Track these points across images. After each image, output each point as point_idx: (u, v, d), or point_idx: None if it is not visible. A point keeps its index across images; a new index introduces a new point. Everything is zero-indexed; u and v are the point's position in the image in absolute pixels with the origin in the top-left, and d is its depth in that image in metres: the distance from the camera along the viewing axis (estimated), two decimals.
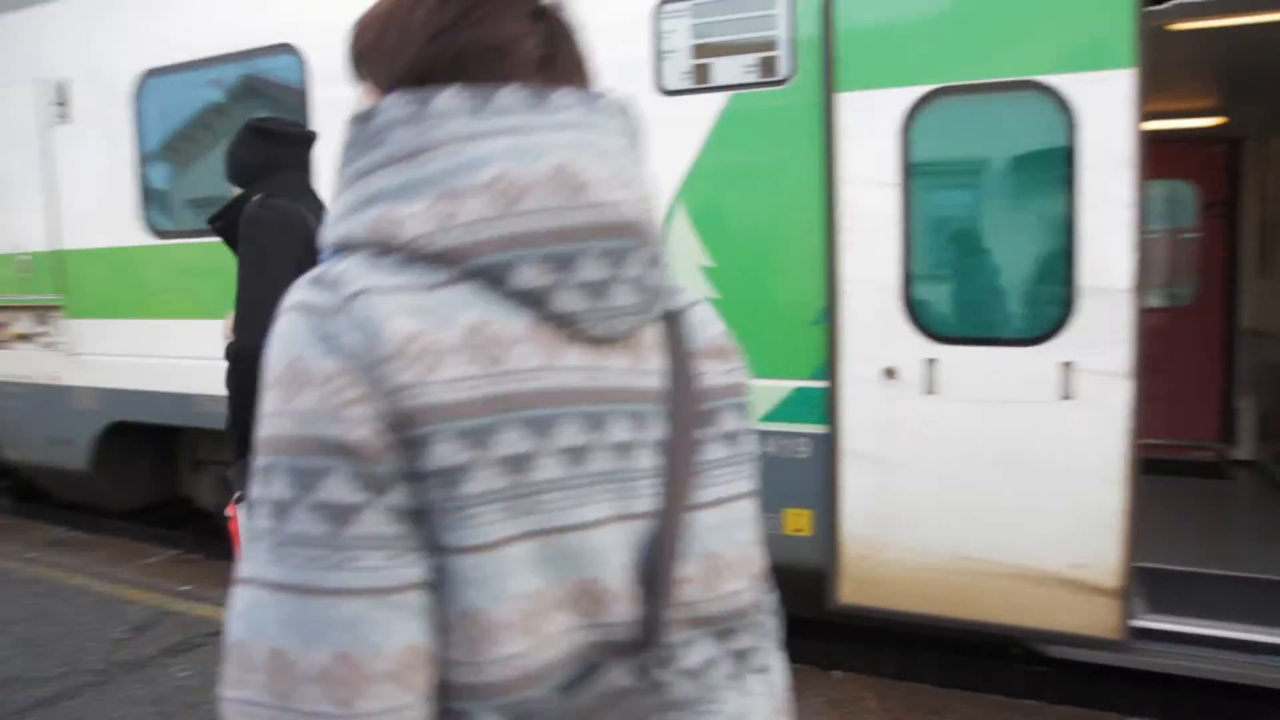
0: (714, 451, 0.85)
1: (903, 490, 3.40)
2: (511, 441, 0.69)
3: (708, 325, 0.89)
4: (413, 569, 0.68)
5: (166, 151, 5.23)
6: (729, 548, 0.85)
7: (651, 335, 0.82)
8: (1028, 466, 3.22)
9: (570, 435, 0.72)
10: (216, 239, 4.98)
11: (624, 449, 0.76)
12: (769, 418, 3.58)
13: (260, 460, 0.70)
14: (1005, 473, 3.25)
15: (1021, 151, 3.28)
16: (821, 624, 4.04)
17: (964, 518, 3.33)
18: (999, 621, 3.35)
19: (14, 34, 5.75)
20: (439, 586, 0.69)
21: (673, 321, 0.85)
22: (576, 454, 0.72)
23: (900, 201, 3.32)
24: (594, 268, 0.74)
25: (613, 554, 0.74)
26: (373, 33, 0.83)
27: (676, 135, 3.65)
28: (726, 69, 3.58)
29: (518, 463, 0.69)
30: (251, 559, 0.68)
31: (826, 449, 3.50)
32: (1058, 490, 3.19)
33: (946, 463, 3.34)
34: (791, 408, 3.55)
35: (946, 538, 3.35)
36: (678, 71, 3.65)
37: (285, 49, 4.62)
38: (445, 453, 0.67)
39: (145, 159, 5.25)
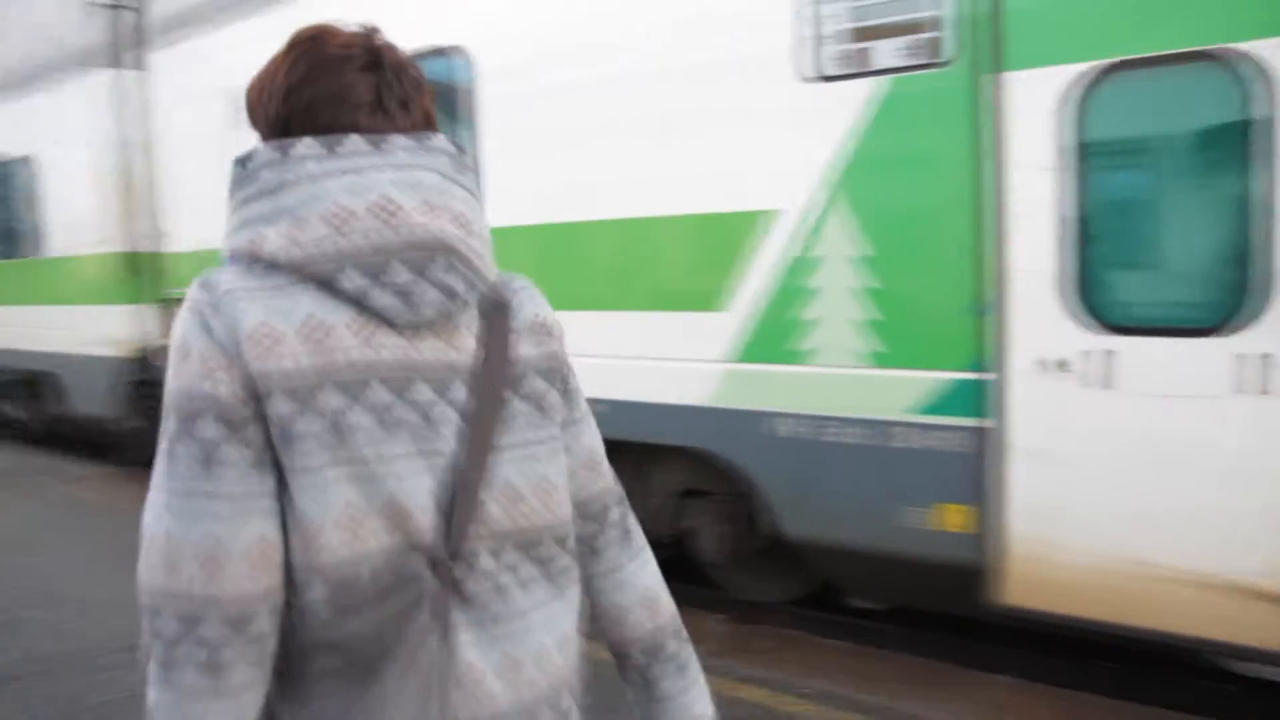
0: (518, 407, 1.09)
1: (1073, 488, 3.22)
2: (328, 398, 0.95)
3: (528, 308, 1.15)
4: (262, 483, 0.95)
5: None
6: (527, 482, 1.09)
7: (467, 320, 1.07)
8: (1212, 466, 2.98)
9: (377, 395, 0.98)
10: None
11: (425, 406, 1.01)
12: (923, 410, 3.46)
13: (164, 407, 0.98)
14: (1188, 472, 3.02)
15: (1206, 126, 3.02)
16: (980, 625, 3.90)
17: (1141, 519, 3.12)
18: (1181, 632, 3.12)
19: (207, 52, 6.27)
20: (283, 496, 0.96)
21: (495, 307, 1.11)
22: (382, 409, 0.98)
23: (1070, 185, 3.13)
24: (400, 274, 0.99)
25: (414, 481, 1.00)
26: (253, 93, 1.10)
27: (830, 122, 3.56)
28: (884, 52, 3.46)
29: (333, 414, 0.96)
30: (157, 471, 0.97)
31: (988, 444, 3.35)
32: (1247, 493, 2.93)
33: (1121, 460, 3.13)
34: (948, 400, 3.41)
35: (1122, 540, 3.15)
36: (832, 57, 3.57)
37: (454, 51, 4.81)
38: (279, 405, 0.94)
39: None
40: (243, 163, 1.04)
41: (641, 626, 1.23)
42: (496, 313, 1.11)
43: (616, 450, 4.80)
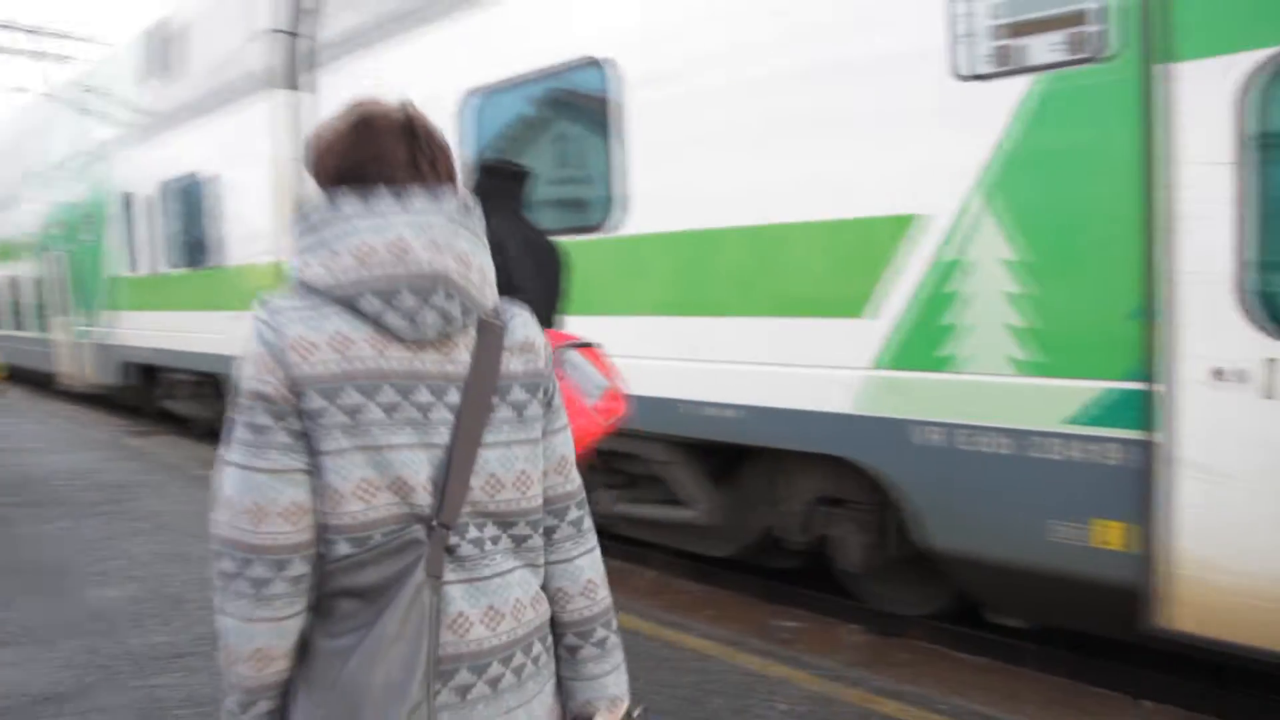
0: (502, 412, 1.36)
1: (1247, 508, 3.01)
2: (349, 397, 1.24)
3: (519, 331, 1.41)
4: (298, 460, 1.24)
5: None
6: (506, 472, 1.35)
7: (465, 339, 1.34)
8: None
9: (387, 396, 1.25)
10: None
11: (425, 407, 1.29)
12: (1082, 421, 3.30)
13: (234, 399, 1.27)
14: None
15: None
16: (1127, 647, 3.70)
17: None
18: None
19: (364, 68, 6.59)
20: (315, 472, 1.24)
21: (489, 329, 1.36)
22: (391, 407, 1.26)
23: (1250, 181, 2.94)
24: (407, 300, 1.25)
25: (416, 465, 1.27)
26: (317, 153, 1.38)
27: (984, 121, 3.46)
28: (1034, 48, 3.34)
29: (353, 409, 1.24)
30: (226, 448, 1.26)
31: (1148, 457, 3.17)
32: None
33: None
34: (1109, 411, 3.24)
35: None
36: (977, 55, 3.47)
37: (593, 62, 4.92)
38: (312, 401, 1.23)
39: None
40: (302, 209, 1.34)
41: (580, 612, 1.47)
42: (491, 333, 1.37)
43: (752, 456, 4.78)
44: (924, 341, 3.70)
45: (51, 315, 13.71)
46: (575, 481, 1.51)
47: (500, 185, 3.48)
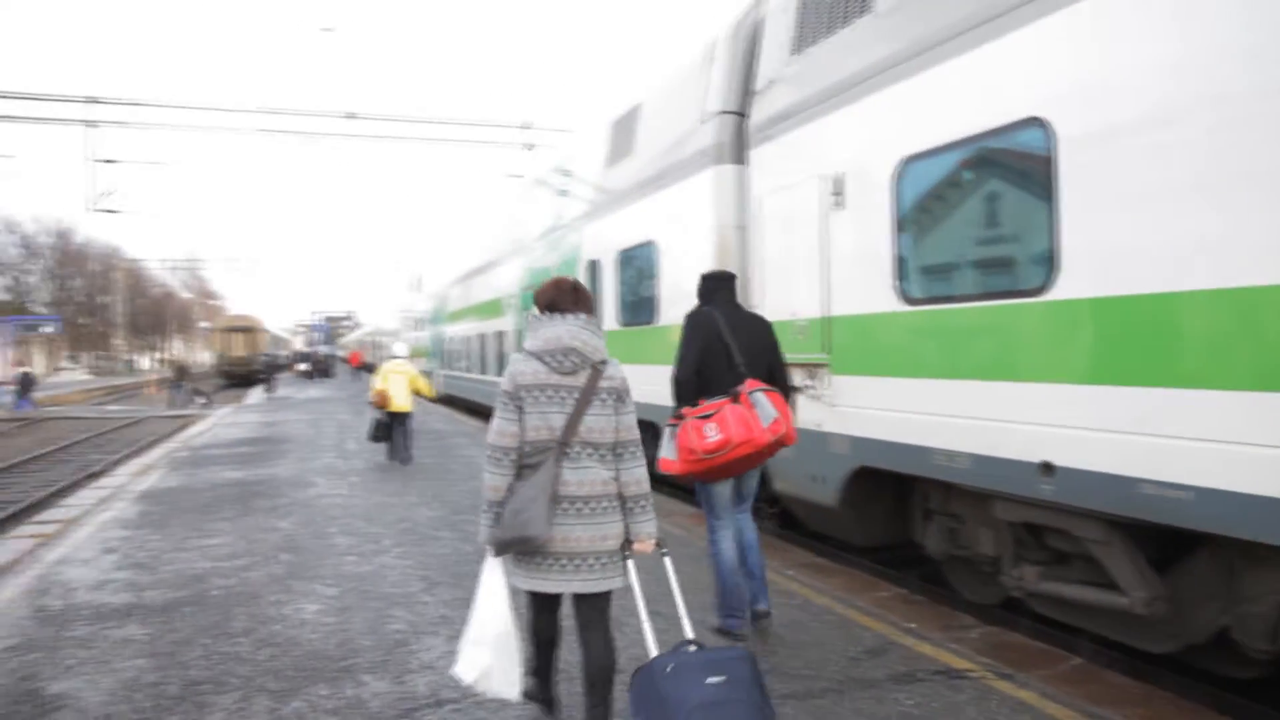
0: (596, 402, 3.47)
1: None
2: (534, 392, 3.44)
3: (608, 370, 3.53)
4: (516, 414, 3.46)
5: (918, 228, 5.82)
6: (595, 425, 3.47)
7: (585, 371, 3.48)
8: None
9: (549, 393, 3.44)
10: (954, 305, 5.36)
11: (564, 398, 3.44)
12: None
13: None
14: None
15: None
16: None
17: None
18: None
19: (802, 141, 7.01)
20: (521, 419, 3.45)
21: (599, 366, 3.51)
22: (549, 398, 3.43)
23: None
24: (559, 357, 3.45)
25: (558, 420, 3.43)
26: (537, 295, 3.65)
27: None
28: None
29: (536, 398, 3.43)
30: (495, 410, 3.55)
31: None
32: None
33: None
34: None
35: None
36: None
37: (1033, 122, 4.81)
38: (521, 394, 3.45)
39: (900, 237, 5.91)
40: (530, 320, 3.56)
41: (631, 492, 3.48)
42: (596, 370, 3.46)
43: (1209, 544, 4.32)
44: None
45: None
46: (633, 434, 3.49)
47: (716, 286, 5.22)
